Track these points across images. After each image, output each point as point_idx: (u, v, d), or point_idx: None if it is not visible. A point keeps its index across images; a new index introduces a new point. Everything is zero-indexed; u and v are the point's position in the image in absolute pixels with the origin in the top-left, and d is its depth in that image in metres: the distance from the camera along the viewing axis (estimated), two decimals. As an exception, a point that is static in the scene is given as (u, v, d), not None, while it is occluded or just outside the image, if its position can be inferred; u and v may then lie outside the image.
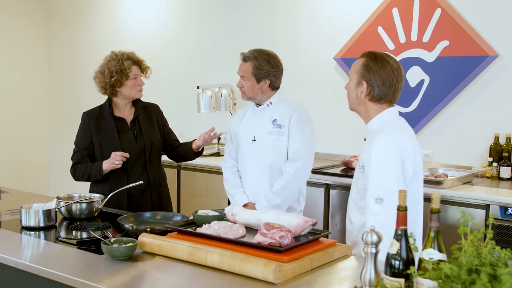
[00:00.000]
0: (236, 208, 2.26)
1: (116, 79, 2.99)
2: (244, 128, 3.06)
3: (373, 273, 1.53)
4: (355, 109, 2.32)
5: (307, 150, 2.92)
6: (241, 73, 2.97)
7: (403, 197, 1.51)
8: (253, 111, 3.06)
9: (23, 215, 2.50)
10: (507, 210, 3.09)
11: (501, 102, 3.72)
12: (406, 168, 2.14)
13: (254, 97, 2.98)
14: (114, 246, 2.03)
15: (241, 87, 2.98)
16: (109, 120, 3.05)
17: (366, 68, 2.22)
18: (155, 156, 3.12)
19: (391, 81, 2.20)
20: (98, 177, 2.99)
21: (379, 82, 2.20)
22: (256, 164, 2.98)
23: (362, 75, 2.23)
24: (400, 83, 2.25)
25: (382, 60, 2.21)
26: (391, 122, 2.23)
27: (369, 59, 2.23)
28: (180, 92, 5.42)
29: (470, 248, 1.33)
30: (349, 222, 2.35)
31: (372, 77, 2.20)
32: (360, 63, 2.26)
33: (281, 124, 2.94)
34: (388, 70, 2.20)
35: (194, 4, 5.34)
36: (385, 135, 2.15)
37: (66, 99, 6.54)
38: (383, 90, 2.21)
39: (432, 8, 3.92)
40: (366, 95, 2.23)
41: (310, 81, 4.59)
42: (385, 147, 2.13)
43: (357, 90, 2.25)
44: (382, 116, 2.23)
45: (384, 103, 2.24)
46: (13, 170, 6.25)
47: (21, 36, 6.41)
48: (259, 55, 2.93)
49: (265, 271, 1.74)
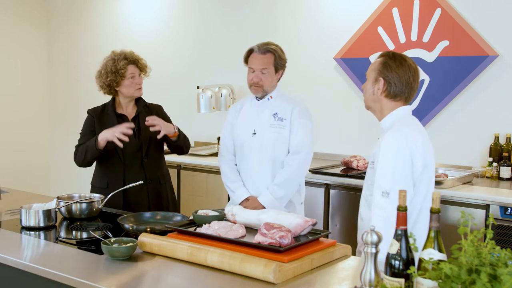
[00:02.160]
0: (236, 208, 2.26)
1: (111, 79, 3.03)
2: (243, 121, 3.05)
3: (373, 273, 1.53)
4: (370, 106, 2.36)
5: (308, 143, 2.97)
6: (261, 65, 2.93)
7: (403, 197, 1.51)
8: (251, 104, 3.06)
9: (23, 215, 2.50)
10: (507, 210, 3.09)
11: (501, 102, 3.72)
12: (415, 164, 2.17)
13: (270, 90, 2.99)
14: (114, 246, 2.03)
15: (258, 81, 2.94)
16: (112, 116, 3.10)
17: (384, 66, 2.27)
18: (154, 153, 3.12)
19: (408, 79, 2.26)
20: (94, 150, 2.92)
21: (396, 79, 2.24)
22: (257, 157, 2.99)
23: (380, 72, 2.28)
24: (416, 83, 2.31)
25: (400, 59, 2.28)
26: (403, 119, 2.27)
27: (387, 57, 2.29)
28: (180, 92, 5.42)
29: (470, 248, 1.33)
30: (360, 219, 2.38)
31: (390, 74, 2.25)
32: (379, 61, 2.31)
33: (282, 117, 2.96)
34: (406, 68, 2.26)
35: (194, 4, 5.34)
36: (395, 132, 2.19)
37: (66, 99, 6.54)
38: (400, 87, 2.25)
39: (432, 8, 3.92)
40: (383, 91, 2.27)
41: (310, 81, 4.59)
42: (393, 143, 2.16)
43: (374, 87, 2.29)
44: (395, 114, 2.28)
45: (399, 100, 2.28)
46: (13, 170, 6.25)
47: (21, 36, 6.41)
48: (276, 46, 2.98)
49: (265, 271, 1.74)
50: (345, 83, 4.39)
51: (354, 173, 3.75)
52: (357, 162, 3.93)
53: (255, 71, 2.94)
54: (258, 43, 2.99)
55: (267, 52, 2.94)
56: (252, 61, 2.96)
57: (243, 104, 3.11)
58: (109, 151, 3.00)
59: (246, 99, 3.12)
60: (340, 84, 4.42)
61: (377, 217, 2.10)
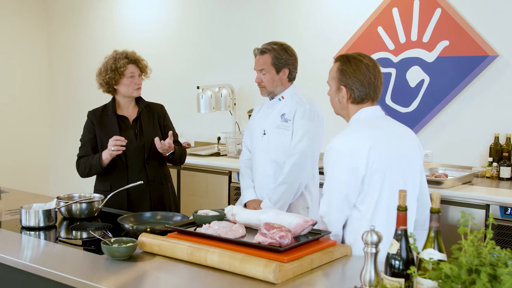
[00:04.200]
0: (236, 208, 2.26)
1: (110, 77, 3.03)
2: (257, 122, 3.09)
3: (373, 273, 1.53)
4: (339, 113, 2.33)
5: (306, 145, 2.89)
6: (259, 66, 2.95)
7: (403, 197, 1.51)
8: (267, 104, 3.08)
9: (23, 215, 2.50)
10: (507, 210, 3.09)
11: (501, 102, 3.72)
12: (358, 169, 2.07)
13: (274, 90, 2.98)
14: (114, 246, 2.03)
15: (260, 82, 2.96)
16: (112, 118, 3.09)
17: (342, 73, 2.20)
18: (155, 155, 3.12)
19: (369, 79, 2.18)
20: (98, 168, 2.98)
21: (357, 84, 2.18)
22: (263, 158, 3.00)
23: (339, 80, 2.22)
24: (379, 80, 2.22)
25: (355, 61, 2.20)
26: (362, 121, 2.20)
27: (342, 63, 2.22)
28: (180, 92, 5.42)
29: (470, 248, 1.33)
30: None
31: (349, 80, 2.19)
32: (335, 68, 2.24)
33: (288, 118, 2.95)
34: (364, 70, 2.18)
35: (194, 4, 5.34)
36: (340, 135, 2.18)
37: (66, 99, 6.54)
38: (363, 90, 2.19)
39: (432, 8, 3.92)
40: (348, 99, 2.22)
41: (310, 81, 4.58)
42: (330, 156, 2.15)
43: (338, 96, 2.24)
44: (357, 115, 2.22)
45: (366, 102, 2.22)
46: (13, 170, 6.25)
47: (21, 36, 6.40)
48: (275, 45, 2.96)
49: (265, 271, 1.74)
50: (345, 83, 4.38)
51: (354, 173, 3.74)
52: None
53: (258, 72, 2.98)
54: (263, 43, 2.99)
55: (263, 52, 2.95)
56: (255, 63, 3.00)
57: (262, 105, 3.14)
58: None
59: (266, 100, 3.12)
60: (340, 84, 4.42)
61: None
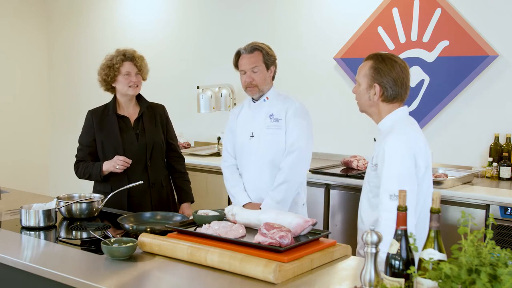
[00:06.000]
0: (236, 208, 2.26)
1: (106, 74, 3.04)
2: (242, 125, 3.04)
3: (373, 273, 1.53)
4: (366, 111, 2.35)
5: (304, 142, 2.91)
6: (251, 64, 2.92)
7: (403, 197, 1.51)
8: (249, 106, 3.05)
9: (23, 215, 2.50)
10: (507, 210, 3.09)
11: (501, 102, 3.72)
12: (419, 165, 2.18)
13: (264, 88, 2.96)
14: (114, 246, 2.03)
15: (251, 81, 2.93)
16: (112, 118, 3.07)
17: (376, 71, 2.25)
18: (157, 156, 3.11)
19: (402, 79, 2.25)
20: (98, 178, 3.01)
21: (391, 83, 2.24)
22: (256, 160, 2.97)
23: (373, 78, 2.26)
24: (409, 81, 2.31)
25: (390, 61, 2.25)
26: (402, 121, 2.27)
27: (377, 61, 2.26)
28: (180, 92, 5.42)
29: (470, 248, 1.33)
30: (360, 221, 2.38)
31: (384, 79, 2.24)
32: (368, 66, 2.28)
33: (278, 118, 2.93)
34: (398, 70, 2.24)
35: (194, 4, 5.34)
36: (398, 134, 2.19)
37: (66, 99, 6.54)
38: (396, 89, 2.25)
39: (432, 8, 3.92)
40: (379, 96, 2.26)
41: (310, 81, 4.59)
42: (398, 145, 2.16)
43: (369, 93, 2.28)
44: (393, 116, 2.28)
45: (396, 102, 2.28)
46: (13, 170, 6.25)
47: (21, 37, 6.41)
48: (262, 44, 2.98)
49: (265, 271, 1.74)
50: (345, 83, 4.39)
51: (354, 173, 3.75)
52: (357, 162, 3.93)
53: (247, 72, 2.93)
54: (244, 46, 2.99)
55: (254, 50, 2.94)
56: (241, 63, 2.96)
57: (242, 107, 3.10)
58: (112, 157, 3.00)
59: (245, 102, 3.11)
60: (340, 84, 4.42)
61: (386, 220, 2.11)
